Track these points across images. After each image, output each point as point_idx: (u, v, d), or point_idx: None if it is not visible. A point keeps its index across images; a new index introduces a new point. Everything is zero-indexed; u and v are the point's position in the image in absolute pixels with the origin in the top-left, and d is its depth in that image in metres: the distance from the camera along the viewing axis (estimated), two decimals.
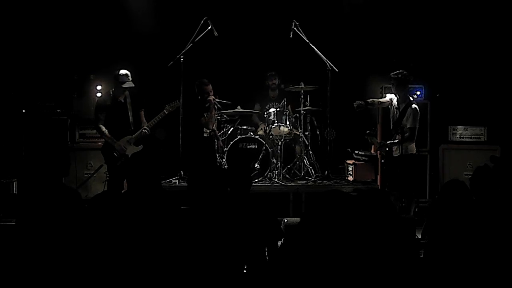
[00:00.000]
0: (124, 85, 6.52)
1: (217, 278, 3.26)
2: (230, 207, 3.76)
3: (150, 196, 3.77)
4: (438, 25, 8.22)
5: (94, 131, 7.11)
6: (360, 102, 6.72)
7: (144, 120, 6.71)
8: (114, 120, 6.57)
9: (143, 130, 6.58)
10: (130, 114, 6.59)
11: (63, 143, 7.50)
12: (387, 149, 6.57)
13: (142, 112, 6.73)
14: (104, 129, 6.57)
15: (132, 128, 6.60)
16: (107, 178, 6.77)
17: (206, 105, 7.69)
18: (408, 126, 6.39)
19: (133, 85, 6.56)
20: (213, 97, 7.48)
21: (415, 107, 6.45)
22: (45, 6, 8.00)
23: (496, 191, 3.85)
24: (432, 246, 3.64)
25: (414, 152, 6.54)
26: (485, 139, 7.89)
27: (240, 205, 3.96)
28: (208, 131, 7.52)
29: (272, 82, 8.25)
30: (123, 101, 6.61)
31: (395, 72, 6.54)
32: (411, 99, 6.62)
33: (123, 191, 6.22)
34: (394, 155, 6.51)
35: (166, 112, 6.70)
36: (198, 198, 3.61)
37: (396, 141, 6.45)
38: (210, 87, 7.67)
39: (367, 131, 6.73)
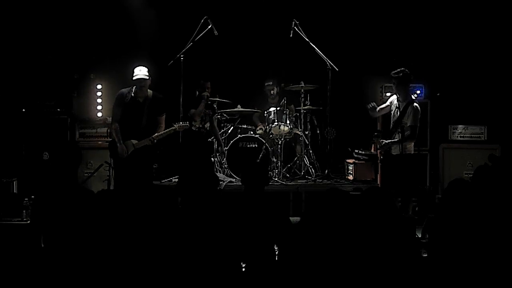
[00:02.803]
0: (134, 78, 6.42)
1: (225, 275, 3.26)
2: (245, 205, 3.78)
3: (152, 194, 3.77)
4: (438, 24, 8.21)
5: (95, 130, 7.10)
6: (374, 105, 6.63)
7: (163, 126, 6.55)
8: (126, 119, 6.43)
9: (149, 140, 6.47)
10: (144, 117, 6.43)
11: (74, 143, 7.46)
12: (390, 147, 6.51)
13: (163, 118, 6.55)
14: (117, 127, 6.42)
15: (143, 132, 6.43)
16: (108, 177, 6.75)
17: (198, 100, 7.56)
18: (408, 125, 6.32)
19: (143, 77, 6.40)
20: (208, 94, 7.43)
21: (416, 106, 6.38)
22: (45, 5, 8.00)
23: (497, 190, 3.85)
24: (435, 245, 3.63)
25: (412, 152, 6.48)
26: (485, 138, 7.89)
27: (254, 203, 3.98)
28: (196, 125, 7.48)
29: (271, 92, 8.08)
30: (141, 101, 6.46)
31: (396, 71, 6.45)
32: (413, 98, 6.58)
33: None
34: (393, 153, 6.46)
35: (172, 131, 6.60)
36: (186, 193, 3.61)
37: (396, 140, 6.41)
38: (209, 84, 7.62)
39: (375, 133, 6.66)
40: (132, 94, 6.46)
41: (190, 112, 7.37)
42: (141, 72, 6.43)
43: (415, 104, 6.38)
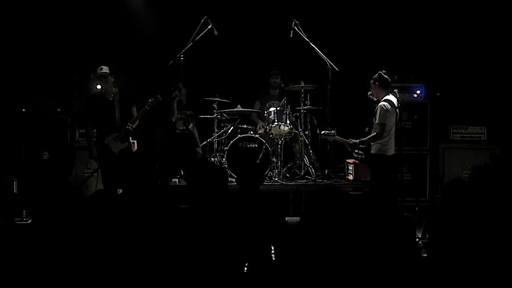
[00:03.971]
0: (98, 74, 6.57)
1: (223, 277, 3.26)
2: (240, 205, 3.77)
3: (147, 194, 3.77)
4: (438, 24, 8.22)
5: (95, 130, 7.09)
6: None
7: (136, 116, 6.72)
8: (101, 118, 6.62)
9: (127, 127, 6.60)
10: (117, 111, 6.59)
11: (70, 144, 7.54)
12: (362, 146, 6.50)
13: (134, 109, 6.71)
14: (91, 132, 6.68)
15: (118, 126, 6.60)
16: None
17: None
18: (375, 123, 6.27)
19: (103, 72, 6.53)
20: (176, 93, 7.44)
21: (383, 105, 6.22)
22: (45, 6, 8.00)
23: (495, 190, 3.85)
24: (435, 245, 3.63)
25: (388, 154, 6.26)
26: (485, 138, 7.89)
27: (249, 203, 3.98)
28: (180, 128, 7.48)
29: (274, 80, 8.24)
30: (110, 99, 6.62)
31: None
32: (383, 98, 6.34)
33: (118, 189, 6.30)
34: (372, 152, 6.38)
35: (148, 108, 6.67)
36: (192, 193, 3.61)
37: (364, 139, 6.39)
38: (181, 85, 7.62)
39: (322, 131, 6.60)
40: (99, 95, 6.67)
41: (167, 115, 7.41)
42: (102, 70, 6.58)
43: (381, 103, 6.25)
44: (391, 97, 6.33)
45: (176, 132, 7.40)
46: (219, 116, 7.92)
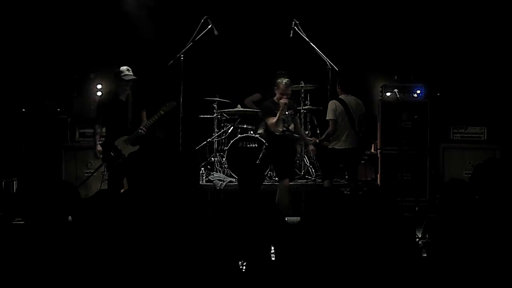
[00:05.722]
0: (126, 78, 6.37)
1: (221, 277, 3.26)
2: (240, 205, 3.77)
3: (151, 194, 3.77)
4: (439, 24, 8.22)
5: (104, 129, 7.09)
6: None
7: (145, 120, 6.66)
8: (112, 119, 6.48)
9: (139, 130, 6.50)
10: (129, 113, 6.48)
11: (57, 143, 7.54)
12: (326, 142, 6.87)
13: (144, 113, 6.58)
14: (98, 130, 6.54)
15: (130, 128, 6.48)
16: (106, 177, 6.75)
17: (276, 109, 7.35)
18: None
19: (134, 77, 6.42)
20: (286, 101, 7.11)
21: (329, 102, 6.90)
22: (45, 6, 8.01)
23: (497, 188, 3.85)
24: (435, 245, 3.63)
25: (338, 147, 6.73)
26: (485, 138, 7.89)
27: (249, 203, 3.98)
28: (280, 129, 7.35)
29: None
30: (124, 100, 6.52)
31: None
32: (338, 97, 6.94)
33: (122, 190, 6.27)
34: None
35: (162, 113, 6.60)
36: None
37: (322, 137, 6.96)
38: (289, 90, 7.31)
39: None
40: (113, 95, 6.53)
41: (269, 122, 7.14)
42: (129, 71, 6.43)
43: (332, 100, 6.91)
44: (345, 97, 6.86)
45: (275, 134, 7.26)
46: (219, 116, 7.92)
